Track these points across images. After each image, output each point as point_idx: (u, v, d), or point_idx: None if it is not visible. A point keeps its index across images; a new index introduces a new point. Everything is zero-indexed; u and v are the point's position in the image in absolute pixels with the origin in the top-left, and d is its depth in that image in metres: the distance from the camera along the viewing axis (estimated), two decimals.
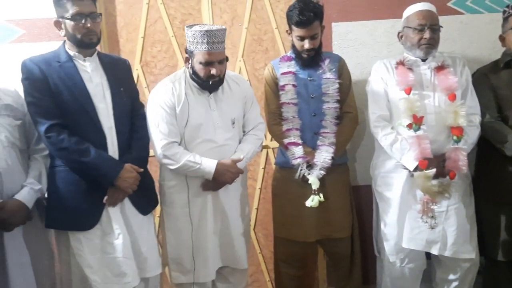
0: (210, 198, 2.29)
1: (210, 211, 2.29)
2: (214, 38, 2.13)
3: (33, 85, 2.05)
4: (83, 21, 2.05)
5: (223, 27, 2.20)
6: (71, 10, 2.03)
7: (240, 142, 2.37)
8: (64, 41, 2.15)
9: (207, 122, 2.25)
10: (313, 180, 2.33)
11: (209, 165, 2.20)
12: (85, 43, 2.09)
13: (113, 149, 2.13)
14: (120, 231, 2.11)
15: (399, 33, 2.42)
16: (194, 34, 2.14)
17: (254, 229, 2.99)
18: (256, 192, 2.98)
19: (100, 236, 2.11)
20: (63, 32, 2.10)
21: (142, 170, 2.16)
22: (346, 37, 2.72)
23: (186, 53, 2.24)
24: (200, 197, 2.28)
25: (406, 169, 2.29)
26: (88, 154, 2.04)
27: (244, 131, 2.41)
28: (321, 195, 2.33)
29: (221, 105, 2.30)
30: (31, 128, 2.16)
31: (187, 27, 2.18)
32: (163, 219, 2.38)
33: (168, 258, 2.36)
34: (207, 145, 2.26)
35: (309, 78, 2.42)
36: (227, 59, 2.25)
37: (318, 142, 2.39)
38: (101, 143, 2.10)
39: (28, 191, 2.07)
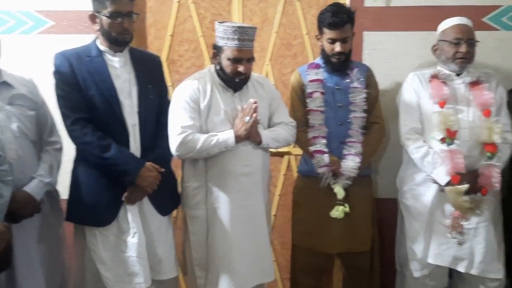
0: (236, 202, 2.15)
1: (236, 216, 2.14)
2: (245, 35, 2.10)
3: (63, 79, 2.06)
4: (119, 20, 2.03)
5: (255, 26, 2.16)
6: (109, 7, 2.02)
7: None
8: (97, 35, 2.12)
9: (231, 120, 2.16)
10: (339, 190, 2.31)
11: (226, 133, 2.11)
12: (119, 41, 2.09)
13: (135, 146, 2.11)
14: (137, 230, 2.08)
15: (433, 46, 2.39)
16: (225, 30, 2.10)
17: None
18: (275, 199, 2.93)
19: (116, 233, 2.09)
20: (97, 27, 2.07)
21: (163, 170, 2.11)
22: (377, 47, 2.68)
23: (214, 48, 2.18)
24: (224, 200, 2.14)
25: (437, 183, 2.24)
26: (109, 149, 2.02)
27: None
28: (346, 205, 2.31)
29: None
30: (44, 119, 2.13)
31: (218, 22, 2.14)
32: (186, 222, 2.26)
33: (193, 264, 2.22)
34: None
35: (336, 87, 2.40)
36: (253, 59, 2.20)
37: (344, 152, 2.36)
38: (124, 140, 2.09)
39: (37, 183, 2.02)
